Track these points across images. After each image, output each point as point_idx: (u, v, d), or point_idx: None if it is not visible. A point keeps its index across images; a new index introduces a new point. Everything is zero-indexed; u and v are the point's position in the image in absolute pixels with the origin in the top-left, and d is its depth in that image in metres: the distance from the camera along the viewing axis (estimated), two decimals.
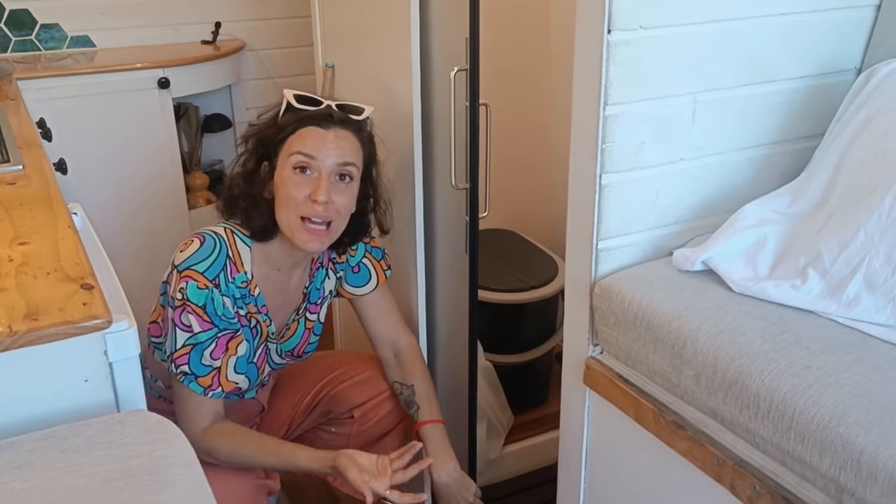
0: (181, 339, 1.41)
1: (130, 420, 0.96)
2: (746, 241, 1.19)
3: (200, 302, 1.40)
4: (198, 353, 1.41)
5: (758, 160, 1.32)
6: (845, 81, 1.33)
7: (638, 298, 1.17)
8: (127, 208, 2.38)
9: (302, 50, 2.63)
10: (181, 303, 1.39)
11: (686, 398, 1.11)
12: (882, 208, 1.07)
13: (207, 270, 1.41)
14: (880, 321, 1.05)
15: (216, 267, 1.42)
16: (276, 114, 1.48)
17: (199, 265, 1.41)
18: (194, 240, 1.43)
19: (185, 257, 1.41)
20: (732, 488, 1.05)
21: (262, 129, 1.49)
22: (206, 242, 1.43)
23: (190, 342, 1.41)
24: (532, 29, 2.35)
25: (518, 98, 2.36)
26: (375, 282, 1.66)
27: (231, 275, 1.45)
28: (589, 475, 1.36)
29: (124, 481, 0.86)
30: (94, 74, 2.33)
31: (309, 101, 1.47)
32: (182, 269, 1.40)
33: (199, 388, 1.43)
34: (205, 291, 1.40)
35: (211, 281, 1.41)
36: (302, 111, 1.45)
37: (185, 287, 1.39)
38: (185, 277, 1.39)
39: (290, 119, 1.45)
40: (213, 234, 1.45)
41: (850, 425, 0.89)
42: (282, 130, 1.45)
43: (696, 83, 1.22)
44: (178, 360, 1.41)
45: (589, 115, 1.17)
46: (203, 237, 1.44)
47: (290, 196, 1.42)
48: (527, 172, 2.45)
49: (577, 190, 1.24)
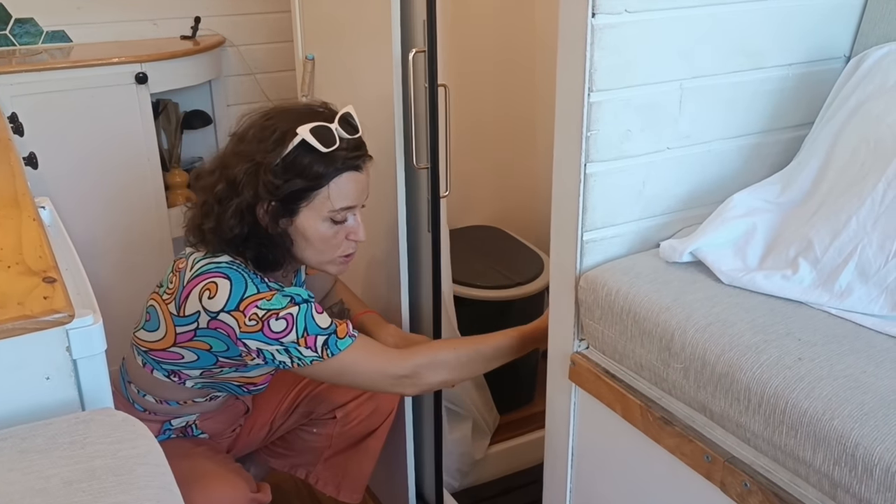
0: (291, 338, 1.31)
1: (95, 419, 0.91)
2: (735, 231, 1.16)
3: (283, 303, 1.31)
4: (311, 323, 1.32)
5: (747, 149, 1.29)
6: (835, 69, 1.31)
7: (624, 291, 1.13)
8: (104, 205, 2.33)
9: (283, 45, 2.59)
10: (262, 322, 1.30)
11: (674, 393, 1.08)
12: (875, 195, 1.04)
13: (260, 287, 1.33)
14: (873, 311, 1.02)
15: (260, 283, 1.34)
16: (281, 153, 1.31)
17: (247, 292, 1.31)
18: (216, 281, 1.33)
19: (225, 298, 1.31)
20: (723, 485, 1.02)
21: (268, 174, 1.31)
22: (233, 276, 1.33)
23: (301, 328, 1.31)
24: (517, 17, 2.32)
25: (504, 91, 2.33)
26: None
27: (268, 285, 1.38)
28: (575, 474, 1.32)
29: (87, 483, 0.81)
30: (70, 69, 2.28)
31: (330, 137, 1.32)
32: (234, 308, 1.31)
33: (346, 342, 1.34)
34: (277, 296, 1.32)
35: (270, 290, 1.33)
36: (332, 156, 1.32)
37: (256, 310, 1.30)
38: (248, 307, 1.30)
39: (324, 168, 1.32)
40: (229, 266, 1.35)
41: (844, 418, 0.86)
42: (315, 183, 1.32)
43: (684, 70, 1.19)
44: (308, 345, 1.31)
45: (573, 102, 1.14)
46: (224, 273, 1.33)
47: (328, 245, 1.37)
48: (512, 168, 2.42)
49: (562, 180, 1.20)
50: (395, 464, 1.89)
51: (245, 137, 1.36)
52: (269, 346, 1.32)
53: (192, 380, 1.49)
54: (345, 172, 1.34)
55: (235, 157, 1.35)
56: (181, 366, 1.45)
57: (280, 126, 1.33)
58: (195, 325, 1.37)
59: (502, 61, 2.30)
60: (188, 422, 1.63)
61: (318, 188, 1.33)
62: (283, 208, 1.34)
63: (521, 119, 2.36)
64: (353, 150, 1.36)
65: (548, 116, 1.21)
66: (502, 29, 2.28)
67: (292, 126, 1.32)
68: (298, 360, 1.34)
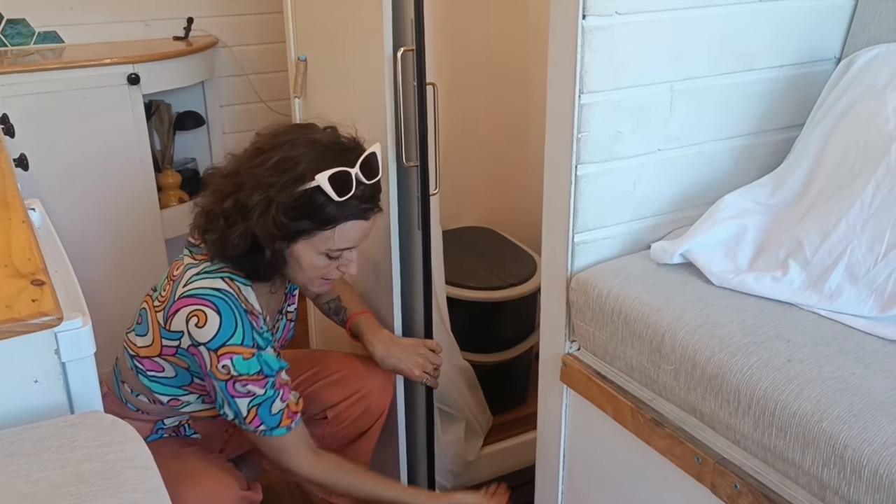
0: (243, 404, 1.35)
1: (84, 422, 0.91)
2: (726, 232, 1.16)
3: (253, 370, 1.34)
4: (266, 408, 1.37)
5: (737, 151, 1.30)
6: (825, 70, 1.31)
7: (615, 292, 1.13)
8: (96, 207, 2.32)
9: (275, 46, 2.59)
10: (230, 377, 1.33)
11: (665, 394, 1.08)
12: (864, 197, 1.04)
13: (244, 340, 1.34)
14: (863, 313, 1.02)
15: (248, 332, 1.34)
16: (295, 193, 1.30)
17: (232, 339, 1.32)
18: (206, 311, 1.32)
19: (211, 335, 1.32)
20: (713, 487, 1.02)
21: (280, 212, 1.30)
22: (223, 312, 1.33)
23: (254, 403, 1.36)
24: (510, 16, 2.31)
25: (496, 91, 2.32)
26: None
27: (258, 327, 1.38)
28: (567, 475, 1.32)
29: (74, 486, 0.81)
30: (62, 70, 2.27)
31: (347, 185, 1.30)
32: (215, 348, 1.32)
33: (282, 431, 1.39)
34: (252, 360, 1.34)
35: (252, 348, 1.34)
36: (345, 204, 1.31)
37: (229, 364, 1.32)
38: (225, 356, 1.32)
39: (333, 213, 1.31)
40: (221, 297, 1.34)
41: (833, 420, 0.86)
42: (321, 226, 1.32)
43: (674, 71, 1.19)
44: (252, 424, 1.37)
45: (564, 104, 1.14)
46: (215, 305, 1.33)
47: (318, 273, 1.39)
48: (506, 169, 2.41)
49: (553, 181, 1.20)
50: (387, 465, 1.89)
51: (267, 159, 1.32)
52: (227, 396, 1.36)
53: (163, 403, 1.49)
54: (355, 220, 1.35)
55: (251, 179, 1.32)
56: (158, 380, 1.46)
57: (303, 162, 1.31)
58: (178, 343, 1.38)
59: (495, 61, 2.30)
60: (181, 421, 1.63)
61: (322, 230, 1.34)
62: (284, 236, 1.34)
63: (514, 118, 2.36)
64: (367, 200, 1.35)
65: (541, 116, 1.21)
66: (495, 29, 2.27)
67: (314, 168, 1.30)
68: (241, 423, 1.39)
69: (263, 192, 1.30)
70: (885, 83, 1.12)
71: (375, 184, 1.37)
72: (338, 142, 1.37)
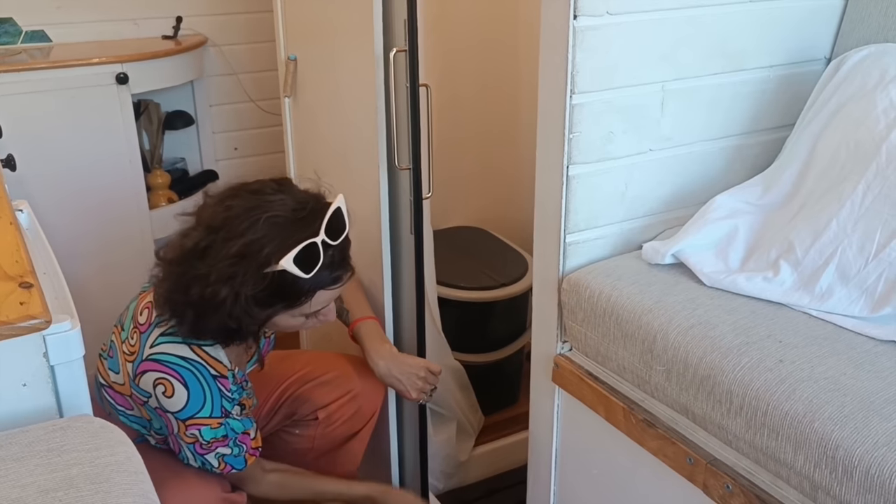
0: (211, 458, 1.39)
1: (73, 426, 0.90)
2: (717, 232, 1.16)
3: (220, 434, 1.36)
4: (231, 459, 1.41)
5: (728, 151, 1.30)
6: (815, 71, 1.31)
7: (607, 293, 1.13)
8: (84, 207, 2.31)
9: (265, 45, 2.57)
10: (196, 441, 1.36)
11: (657, 395, 1.08)
12: (855, 197, 1.04)
13: (213, 412, 1.34)
14: (853, 313, 1.02)
15: (216, 403, 1.34)
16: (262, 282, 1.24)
17: (201, 412, 1.33)
18: (173, 382, 1.30)
19: (179, 407, 1.31)
20: (705, 487, 1.02)
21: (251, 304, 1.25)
22: (191, 385, 1.30)
23: (222, 456, 1.39)
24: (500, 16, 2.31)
25: (488, 91, 2.32)
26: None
27: (226, 390, 1.36)
28: (559, 476, 1.32)
29: (63, 491, 0.80)
30: (50, 70, 2.25)
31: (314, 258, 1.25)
32: (184, 419, 1.33)
33: (243, 467, 1.43)
34: (220, 428, 1.36)
35: (221, 417, 1.35)
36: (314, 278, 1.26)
37: (197, 434, 1.34)
38: (193, 427, 1.34)
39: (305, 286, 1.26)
40: (188, 367, 1.31)
41: (824, 420, 0.86)
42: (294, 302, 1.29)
43: (665, 72, 1.19)
44: (221, 470, 1.41)
45: (555, 104, 1.14)
46: (182, 378, 1.30)
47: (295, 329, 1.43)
48: (497, 169, 2.41)
49: (545, 182, 1.20)
50: (378, 466, 1.88)
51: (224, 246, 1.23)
52: (191, 453, 1.39)
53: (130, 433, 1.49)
54: (325, 289, 1.30)
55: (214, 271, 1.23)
56: (127, 415, 1.45)
57: (266, 246, 1.23)
58: (146, 401, 1.37)
59: (485, 60, 2.30)
60: None
61: (296, 302, 1.30)
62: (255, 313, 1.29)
63: (505, 118, 2.36)
64: (337, 266, 1.29)
65: (531, 116, 1.20)
66: (486, 28, 2.27)
67: (277, 251, 1.23)
68: (206, 468, 1.42)
69: (229, 285, 1.23)
70: (875, 84, 1.13)
71: (344, 241, 1.31)
72: (297, 210, 1.27)
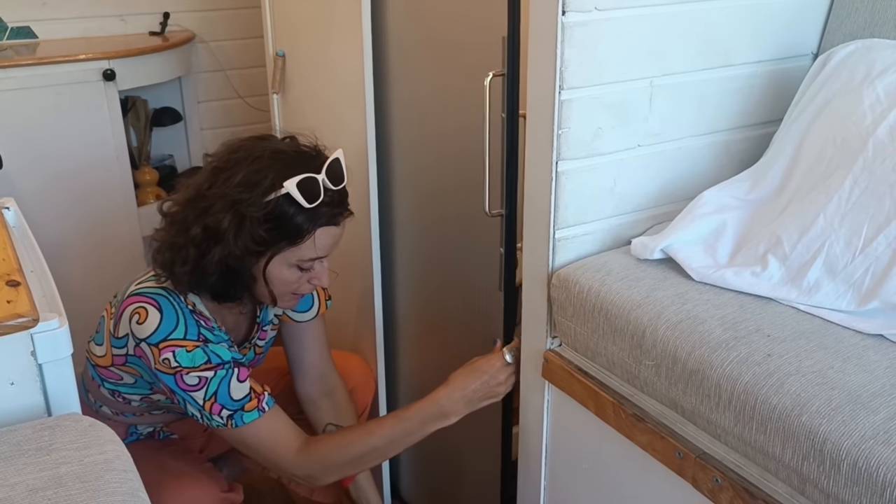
0: (199, 396, 1.29)
1: (61, 425, 0.90)
2: (705, 228, 1.16)
3: (199, 361, 1.29)
4: (224, 391, 1.30)
5: (716, 147, 1.30)
6: (802, 66, 1.32)
7: (596, 288, 1.13)
8: (72, 205, 2.30)
9: (253, 41, 2.57)
10: (174, 370, 1.28)
11: (646, 390, 1.08)
12: (842, 192, 1.05)
13: (187, 334, 1.30)
14: (841, 307, 1.03)
15: (191, 327, 1.31)
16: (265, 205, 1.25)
17: (174, 334, 1.29)
18: (147, 308, 1.30)
19: (150, 331, 1.28)
20: (694, 481, 1.02)
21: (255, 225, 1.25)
22: (164, 308, 1.30)
23: (211, 392, 1.30)
24: None
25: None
26: (317, 310, 1.60)
27: (207, 325, 1.34)
28: (549, 470, 1.33)
29: (52, 490, 0.80)
30: (36, 66, 2.25)
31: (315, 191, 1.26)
32: (156, 343, 1.28)
33: (253, 415, 1.32)
34: (197, 351, 1.29)
35: (197, 340, 1.30)
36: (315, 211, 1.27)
37: (171, 357, 1.28)
38: (167, 349, 1.28)
39: (303, 221, 1.27)
40: (165, 295, 1.31)
41: (812, 414, 0.87)
42: (295, 238, 1.28)
43: (653, 67, 1.20)
44: (213, 412, 1.30)
45: (545, 100, 1.14)
46: (157, 302, 1.30)
47: (287, 288, 1.34)
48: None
49: (534, 178, 1.20)
50: None
51: (231, 176, 1.26)
52: (180, 393, 1.31)
53: (136, 402, 1.47)
54: (326, 226, 1.30)
55: (219, 200, 1.26)
56: (121, 386, 1.43)
57: (270, 173, 1.26)
58: (126, 350, 1.35)
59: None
60: (155, 428, 1.61)
61: (294, 239, 1.29)
62: (260, 253, 1.30)
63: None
64: (336, 205, 1.31)
65: None
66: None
67: (280, 177, 1.25)
68: (208, 420, 1.32)
69: (233, 211, 1.25)
70: (862, 79, 1.13)
71: (342, 189, 1.33)
72: (300, 151, 1.33)
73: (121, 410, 1.51)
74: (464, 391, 1.34)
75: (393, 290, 1.76)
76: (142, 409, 1.51)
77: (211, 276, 1.29)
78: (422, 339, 1.75)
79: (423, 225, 1.65)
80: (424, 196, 1.62)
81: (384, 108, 1.62)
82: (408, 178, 1.64)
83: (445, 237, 1.58)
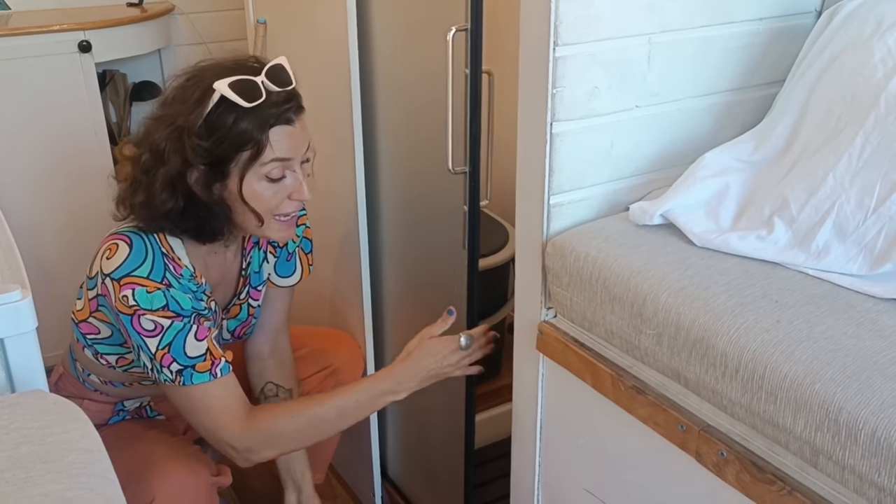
0: (153, 344, 1.24)
1: (23, 402, 0.84)
2: (707, 191, 1.11)
3: (158, 305, 1.23)
4: (178, 344, 1.25)
5: (717, 108, 1.24)
6: (805, 24, 1.26)
7: (593, 256, 1.08)
8: (48, 181, 2.23)
9: (234, 13, 2.49)
10: (131, 310, 1.23)
11: (647, 360, 1.03)
12: (852, 150, 0.99)
13: (151, 273, 1.24)
14: (851, 271, 0.97)
15: (158, 268, 1.25)
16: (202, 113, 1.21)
17: (138, 270, 1.23)
18: (118, 242, 1.26)
19: (116, 265, 1.23)
20: (698, 455, 0.97)
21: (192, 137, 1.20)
22: (135, 244, 1.25)
23: (165, 342, 1.24)
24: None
25: None
26: (299, 277, 1.56)
27: (176, 272, 1.29)
28: (544, 447, 1.28)
29: (11, 472, 0.74)
30: (8, 38, 2.17)
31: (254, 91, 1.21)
32: (118, 278, 1.23)
33: (203, 377, 1.26)
34: (157, 293, 1.23)
35: (160, 283, 1.25)
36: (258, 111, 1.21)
37: (129, 294, 1.22)
38: (128, 286, 1.22)
39: (249, 125, 1.21)
40: (138, 233, 1.27)
41: (825, 382, 0.82)
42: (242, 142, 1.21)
43: (652, 23, 1.14)
44: (163, 363, 1.24)
45: (538, 57, 1.08)
46: (128, 237, 1.26)
47: (267, 207, 1.27)
48: None
49: (527, 140, 1.14)
50: (359, 442, 1.84)
51: (167, 101, 1.27)
52: (135, 337, 1.25)
53: (115, 363, 1.42)
54: (277, 126, 1.23)
55: (158, 122, 1.25)
56: (98, 343, 1.38)
57: (201, 84, 1.22)
58: (97, 291, 1.30)
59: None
60: (142, 402, 1.57)
61: (246, 147, 1.22)
62: (214, 172, 1.24)
63: None
64: (283, 103, 1.24)
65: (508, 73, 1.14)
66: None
67: (212, 82, 1.21)
68: (157, 372, 1.27)
69: (170, 124, 1.22)
70: (872, 32, 1.07)
71: (292, 91, 1.27)
72: (238, 61, 1.27)
73: (106, 378, 1.46)
74: (418, 369, 1.35)
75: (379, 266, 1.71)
76: (123, 377, 1.45)
77: (164, 204, 1.25)
78: (407, 310, 1.70)
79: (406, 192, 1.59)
80: (409, 161, 1.57)
81: (369, 76, 1.56)
82: (394, 145, 1.58)
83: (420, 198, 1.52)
